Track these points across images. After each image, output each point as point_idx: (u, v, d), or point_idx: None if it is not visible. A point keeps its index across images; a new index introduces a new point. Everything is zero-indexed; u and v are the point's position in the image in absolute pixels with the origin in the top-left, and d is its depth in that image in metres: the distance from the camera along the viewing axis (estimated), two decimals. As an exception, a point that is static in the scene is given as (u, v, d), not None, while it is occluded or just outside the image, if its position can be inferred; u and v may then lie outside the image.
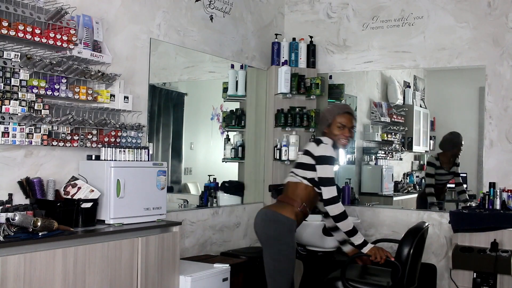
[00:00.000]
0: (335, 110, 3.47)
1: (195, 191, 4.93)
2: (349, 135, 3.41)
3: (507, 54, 4.46)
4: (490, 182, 4.20)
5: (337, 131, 3.38)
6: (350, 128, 3.42)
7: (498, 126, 4.47)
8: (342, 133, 3.39)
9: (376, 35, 5.07)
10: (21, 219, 2.71)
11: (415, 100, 5.45)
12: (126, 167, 3.32)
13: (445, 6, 4.75)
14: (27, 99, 3.01)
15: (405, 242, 3.37)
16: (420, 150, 5.41)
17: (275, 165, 5.14)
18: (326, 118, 3.44)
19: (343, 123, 3.39)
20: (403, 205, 5.19)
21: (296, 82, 5.04)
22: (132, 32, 3.85)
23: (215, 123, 5.18)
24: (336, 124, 3.39)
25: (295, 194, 3.36)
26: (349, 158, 5.51)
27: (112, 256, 3.05)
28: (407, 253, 3.35)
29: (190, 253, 4.32)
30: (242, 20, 4.98)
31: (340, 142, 3.40)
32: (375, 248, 3.33)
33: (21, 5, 3.00)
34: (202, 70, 5.03)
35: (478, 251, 3.88)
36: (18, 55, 2.97)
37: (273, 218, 3.34)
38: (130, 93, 3.70)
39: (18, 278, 2.59)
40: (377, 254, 3.30)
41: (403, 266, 3.31)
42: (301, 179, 3.35)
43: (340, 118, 3.40)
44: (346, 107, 3.54)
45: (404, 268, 3.31)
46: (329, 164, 3.28)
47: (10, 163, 3.08)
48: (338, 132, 3.38)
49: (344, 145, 3.43)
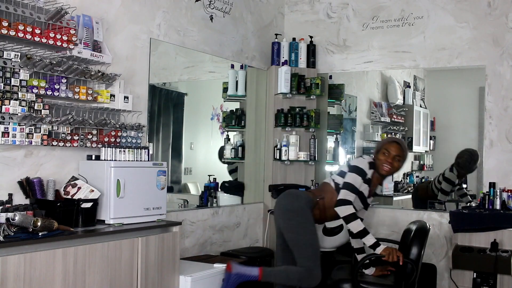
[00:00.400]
0: (386, 139, 3.80)
1: (195, 191, 4.93)
2: (392, 162, 3.55)
3: (507, 54, 4.46)
4: (490, 182, 4.20)
5: (382, 156, 3.57)
6: (396, 156, 3.56)
7: (498, 126, 4.47)
8: (386, 159, 3.55)
9: (376, 35, 5.07)
10: (21, 219, 2.71)
11: (415, 100, 5.45)
12: (126, 167, 3.32)
13: (445, 6, 4.75)
14: (27, 99, 3.01)
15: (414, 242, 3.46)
16: (420, 150, 5.41)
17: (275, 165, 5.14)
18: (377, 145, 3.70)
19: (389, 150, 3.56)
20: (403, 205, 5.19)
21: (296, 82, 5.04)
22: (132, 32, 3.85)
23: (215, 123, 5.18)
24: (382, 150, 3.58)
25: (320, 189, 3.66)
26: (349, 158, 5.52)
27: (112, 256, 3.05)
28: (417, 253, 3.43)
29: (190, 253, 4.32)
30: (242, 20, 4.98)
31: (382, 168, 3.57)
32: (389, 248, 3.39)
33: (21, 5, 3.00)
34: (202, 70, 5.03)
35: (478, 251, 3.88)
36: (18, 55, 2.97)
37: (295, 194, 3.63)
38: (130, 93, 3.70)
39: (18, 278, 2.59)
40: (392, 254, 3.35)
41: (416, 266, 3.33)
42: (331, 180, 3.63)
43: (388, 145, 3.59)
44: (397, 139, 3.79)
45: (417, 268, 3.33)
46: (356, 174, 3.49)
47: (10, 163, 3.08)
48: (382, 157, 3.57)
49: (386, 171, 3.57)
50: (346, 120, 5.44)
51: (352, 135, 5.49)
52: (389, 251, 3.35)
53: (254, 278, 3.32)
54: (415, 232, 3.57)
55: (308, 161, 5.12)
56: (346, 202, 3.41)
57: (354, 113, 5.51)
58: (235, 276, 3.31)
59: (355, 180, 3.48)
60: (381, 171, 3.57)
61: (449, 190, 4.87)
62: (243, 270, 3.34)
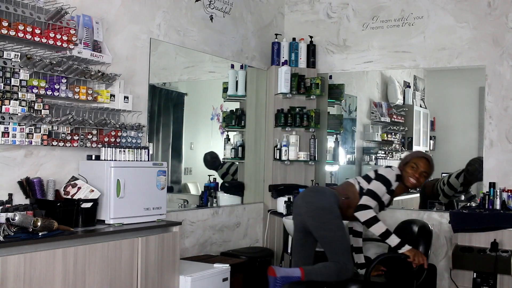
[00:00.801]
0: (415, 153, 3.85)
1: (195, 191, 4.93)
2: (419, 178, 3.60)
3: (507, 54, 4.46)
4: (490, 182, 4.20)
5: (409, 170, 3.62)
6: (423, 172, 3.61)
7: (498, 126, 4.47)
8: (413, 173, 3.60)
9: (376, 35, 5.07)
10: (21, 219, 2.71)
11: (415, 100, 5.45)
12: (126, 167, 3.32)
13: (445, 6, 4.75)
14: (27, 99, 3.01)
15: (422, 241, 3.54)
16: (420, 150, 5.41)
17: (275, 165, 5.14)
18: (406, 157, 3.75)
19: (418, 164, 3.61)
20: (403, 205, 5.18)
21: (296, 82, 5.04)
22: (132, 32, 3.85)
23: (215, 123, 5.18)
24: (411, 164, 3.62)
25: (345, 189, 3.64)
26: (349, 158, 5.52)
27: (112, 256, 3.05)
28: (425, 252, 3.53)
29: (190, 253, 4.32)
30: (242, 20, 4.98)
31: (408, 180, 3.61)
32: (414, 250, 3.43)
33: (21, 5, 3.00)
34: (202, 70, 5.03)
35: (478, 251, 3.88)
36: (18, 55, 2.97)
37: (322, 191, 3.63)
38: (130, 93, 3.70)
39: (18, 278, 2.59)
40: (417, 256, 3.40)
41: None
42: (356, 183, 3.62)
43: (417, 160, 3.64)
44: (427, 155, 3.77)
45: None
46: (382, 184, 3.55)
47: (10, 163, 3.08)
48: (410, 171, 3.61)
49: (411, 184, 3.63)
50: (346, 120, 5.44)
51: (352, 135, 5.49)
52: (415, 253, 3.40)
53: (297, 278, 3.34)
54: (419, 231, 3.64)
55: (308, 161, 5.12)
56: (366, 207, 3.46)
57: (354, 113, 5.51)
58: (281, 279, 3.32)
59: (379, 188, 3.54)
60: (406, 183, 3.62)
61: (451, 194, 4.86)
62: (287, 272, 3.36)
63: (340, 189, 3.66)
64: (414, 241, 3.56)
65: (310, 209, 3.47)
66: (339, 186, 3.75)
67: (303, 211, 3.51)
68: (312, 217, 3.45)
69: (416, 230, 3.74)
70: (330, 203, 3.46)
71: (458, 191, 4.83)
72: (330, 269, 3.38)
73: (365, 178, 3.66)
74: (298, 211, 3.56)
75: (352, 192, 3.59)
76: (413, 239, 3.65)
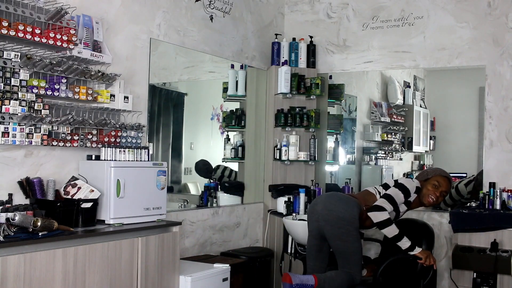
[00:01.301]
0: (438, 171, 3.70)
1: (195, 191, 4.93)
2: (439, 197, 3.59)
3: (507, 54, 4.46)
4: (490, 182, 4.20)
5: (430, 187, 3.60)
6: (443, 192, 3.61)
7: (498, 126, 4.46)
8: (434, 191, 3.59)
9: (376, 35, 5.07)
10: (21, 219, 2.71)
11: (415, 100, 5.45)
12: (126, 167, 3.32)
13: (445, 6, 4.75)
14: (27, 99, 3.01)
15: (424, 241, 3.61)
16: (420, 150, 5.41)
17: (275, 165, 5.13)
18: (427, 173, 3.69)
19: (440, 183, 3.60)
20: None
21: (296, 82, 5.04)
22: (132, 32, 3.85)
23: (215, 123, 5.18)
24: (433, 182, 3.60)
25: (366, 198, 3.57)
26: (349, 158, 5.52)
27: (112, 256, 3.05)
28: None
29: (190, 253, 4.32)
30: (242, 20, 4.98)
31: (426, 198, 3.61)
32: (426, 251, 3.48)
33: (21, 5, 3.00)
34: (202, 70, 5.03)
35: (478, 251, 3.88)
36: (18, 55, 2.97)
37: (345, 199, 3.50)
38: (130, 93, 3.70)
39: (18, 278, 2.59)
40: (429, 258, 3.45)
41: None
42: (376, 193, 3.60)
43: (440, 179, 3.62)
44: (449, 175, 3.72)
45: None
46: (400, 191, 3.53)
47: (10, 163, 3.08)
48: (431, 188, 3.60)
49: (428, 202, 3.62)
50: (346, 120, 5.44)
51: (352, 135, 5.49)
52: (427, 255, 3.44)
53: (311, 287, 3.35)
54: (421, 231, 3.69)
55: (308, 161, 5.12)
56: (381, 208, 3.45)
57: (354, 113, 5.51)
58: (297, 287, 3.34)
59: (397, 195, 3.53)
60: (424, 200, 3.61)
61: (457, 199, 4.81)
62: (301, 279, 3.36)
63: (360, 198, 3.59)
64: (416, 241, 3.57)
65: (331, 218, 3.42)
66: (358, 194, 3.70)
67: (322, 218, 3.45)
68: (332, 226, 3.41)
69: (418, 230, 3.77)
70: (352, 214, 3.41)
71: (464, 197, 4.80)
72: (342, 279, 3.37)
73: (384, 186, 3.65)
74: (316, 217, 3.48)
75: (372, 201, 3.55)
76: (415, 239, 3.67)
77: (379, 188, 3.66)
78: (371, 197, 3.60)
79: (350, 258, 3.40)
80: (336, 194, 3.68)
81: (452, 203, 4.78)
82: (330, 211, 3.43)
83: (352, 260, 3.40)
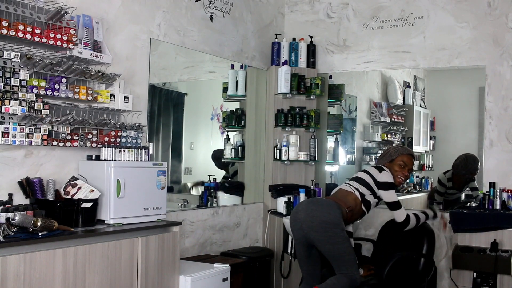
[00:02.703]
0: (400, 149, 3.78)
1: (195, 191, 4.93)
2: (407, 175, 3.72)
3: (507, 54, 4.46)
4: (490, 182, 4.20)
5: (397, 168, 3.70)
6: (410, 169, 3.72)
7: (498, 126, 4.46)
8: (402, 171, 3.69)
9: (376, 35, 5.07)
10: (21, 219, 2.71)
11: (415, 100, 5.45)
12: (126, 167, 3.32)
13: (445, 6, 4.75)
14: (27, 99, 3.01)
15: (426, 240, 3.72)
16: (420, 150, 5.41)
17: (275, 165, 5.13)
18: (391, 154, 3.74)
19: (406, 162, 3.69)
20: (403, 205, 5.18)
21: (296, 82, 5.04)
22: (132, 32, 3.85)
23: (215, 123, 5.18)
24: (398, 162, 3.69)
25: (346, 199, 3.57)
26: (349, 158, 5.52)
27: (112, 256, 3.05)
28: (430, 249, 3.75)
29: (190, 253, 4.32)
30: (242, 20, 4.98)
31: (396, 179, 3.69)
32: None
33: (21, 5, 3.00)
34: (202, 70, 5.03)
35: (478, 251, 3.88)
36: (18, 55, 2.97)
37: (326, 204, 3.49)
38: (130, 93, 3.70)
39: (18, 278, 2.59)
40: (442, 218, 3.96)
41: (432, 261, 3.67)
42: (354, 190, 3.59)
43: (404, 158, 3.71)
44: (411, 151, 3.88)
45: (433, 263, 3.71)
46: (393, 190, 3.61)
47: (10, 163, 3.08)
48: (398, 169, 3.69)
49: (399, 183, 3.73)
50: (346, 120, 5.44)
51: (352, 135, 5.49)
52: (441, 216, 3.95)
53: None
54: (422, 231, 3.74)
55: (308, 161, 5.12)
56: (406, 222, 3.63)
57: (354, 113, 5.51)
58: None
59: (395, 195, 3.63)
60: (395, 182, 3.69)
61: (442, 191, 4.92)
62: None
63: (341, 200, 3.57)
64: (417, 240, 3.59)
65: (315, 224, 3.39)
66: (337, 196, 3.64)
67: (306, 225, 3.42)
68: (318, 231, 3.38)
69: (418, 230, 3.79)
70: (336, 216, 3.41)
71: (448, 187, 4.87)
72: (344, 283, 3.36)
73: (361, 182, 3.63)
74: (300, 225, 3.45)
75: (353, 199, 3.58)
76: (415, 239, 3.69)
77: (355, 185, 3.63)
78: (350, 196, 3.59)
79: (342, 259, 3.38)
80: (316, 199, 3.68)
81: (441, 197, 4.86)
82: (314, 217, 3.40)
83: (346, 260, 3.38)
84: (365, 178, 3.64)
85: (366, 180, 3.63)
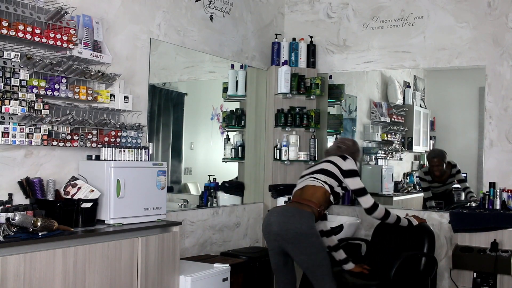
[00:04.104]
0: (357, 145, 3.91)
1: (195, 191, 4.93)
2: None
3: (507, 54, 4.46)
4: (490, 182, 4.20)
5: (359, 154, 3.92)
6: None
7: (498, 126, 4.47)
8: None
9: (376, 35, 5.07)
10: (21, 219, 2.71)
11: (415, 100, 5.45)
12: (126, 167, 3.32)
13: (445, 6, 4.75)
14: (27, 99, 3.01)
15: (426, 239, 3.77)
16: (420, 150, 5.42)
17: (275, 165, 5.13)
18: (358, 150, 3.85)
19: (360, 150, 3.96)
20: (403, 205, 5.19)
21: (296, 82, 5.04)
22: (132, 32, 3.85)
23: (215, 123, 5.18)
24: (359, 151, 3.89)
25: (315, 197, 3.51)
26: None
27: (112, 256, 3.05)
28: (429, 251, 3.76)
29: (190, 253, 4.32)
30: (242, 20, 4.98)
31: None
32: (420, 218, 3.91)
33: (21, 5, 3.00)
34: (202, 70, 5.03)
35: (478, 251, 3.88)
36: (18, 55, 2.97)
37: (297, 213, 3.42)
38: (130, 93, 3.70)
39: (18, 278, 2.59)
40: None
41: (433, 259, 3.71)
42: (323, 184, 3.53)
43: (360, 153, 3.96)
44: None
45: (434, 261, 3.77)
46: (358, 176, 3.59)
47: (10, 163, 3.08)
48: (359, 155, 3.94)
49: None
50: (346, 120, 5.44)
51: (352, 135, 5.49)
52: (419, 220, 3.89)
53: None
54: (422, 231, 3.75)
55: (308, 161, 5.11)
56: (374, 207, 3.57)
57: (354, 113, 5.51)
58: None
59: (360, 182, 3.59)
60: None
61: (425, 186, 5.05)
62: None
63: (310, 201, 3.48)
64: (417, 240, 3.60)
65: (289, 236, 3.33)
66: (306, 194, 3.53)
67: (281, 238, 3.37)
68: (293, 243, 3.34)
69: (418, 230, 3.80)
70: (309, 225, 3.34)
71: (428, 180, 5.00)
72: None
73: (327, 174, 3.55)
74: (274, 237, 3.41)
75: (323, 194, 3.50)
76: (415, 239, 3.70)
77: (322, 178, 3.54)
78: (319, 191, 3.50)
79: (317, 270, 3.35)
80: (287, 210, 3.51)
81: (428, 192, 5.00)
82: (288, 230, 3.34)
83: (320, 272, 3.35)
84: (331, 169, 3.55)
85: (333, 171, 3.54)
